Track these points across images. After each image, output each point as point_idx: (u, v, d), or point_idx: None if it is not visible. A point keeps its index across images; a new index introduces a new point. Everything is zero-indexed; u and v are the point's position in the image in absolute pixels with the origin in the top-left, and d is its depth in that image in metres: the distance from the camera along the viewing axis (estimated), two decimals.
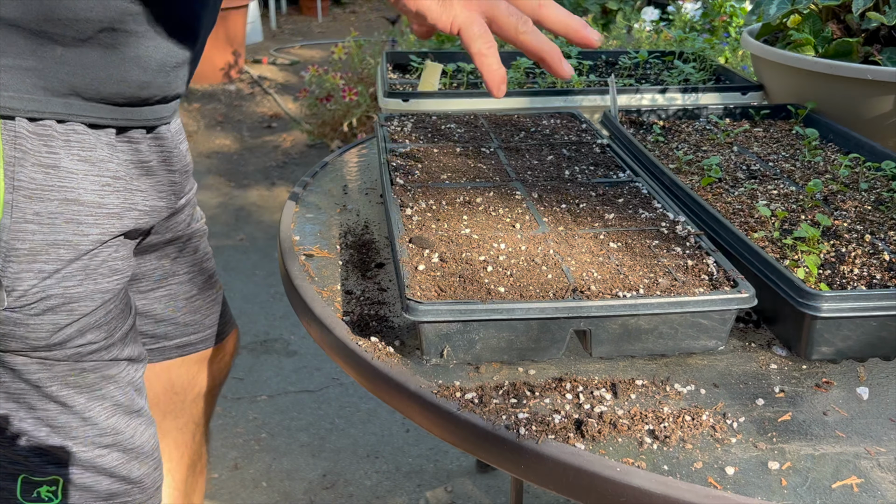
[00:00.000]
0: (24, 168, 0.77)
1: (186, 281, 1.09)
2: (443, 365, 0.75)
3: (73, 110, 0.79)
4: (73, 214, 0.80)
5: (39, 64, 0.76)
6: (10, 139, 0.76)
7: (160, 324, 1.09)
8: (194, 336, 1.14)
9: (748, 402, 0.71)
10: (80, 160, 0.80)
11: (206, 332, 1.15)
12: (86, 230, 0.82)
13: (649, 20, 2.45)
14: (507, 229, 0.86)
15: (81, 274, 0.83)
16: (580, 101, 1.41)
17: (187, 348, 1.14)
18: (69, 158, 0.79)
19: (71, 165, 0.80)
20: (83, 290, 0.84)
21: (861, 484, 0.61)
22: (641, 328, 0.74)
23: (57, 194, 0.79)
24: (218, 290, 1.17)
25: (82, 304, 0.84)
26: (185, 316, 1.11)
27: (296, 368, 2.43)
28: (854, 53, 1.26)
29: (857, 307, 0.73)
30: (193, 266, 1.09)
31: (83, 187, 0.81)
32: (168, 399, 1.16)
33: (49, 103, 0.77)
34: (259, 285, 2.91)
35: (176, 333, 1.11)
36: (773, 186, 1.01)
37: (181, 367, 1.15)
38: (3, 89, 0.75)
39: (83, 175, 0.81)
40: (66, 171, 0.79)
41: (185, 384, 1.17)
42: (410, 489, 1.97)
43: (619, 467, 0.62)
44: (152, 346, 1.10)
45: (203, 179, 3.85)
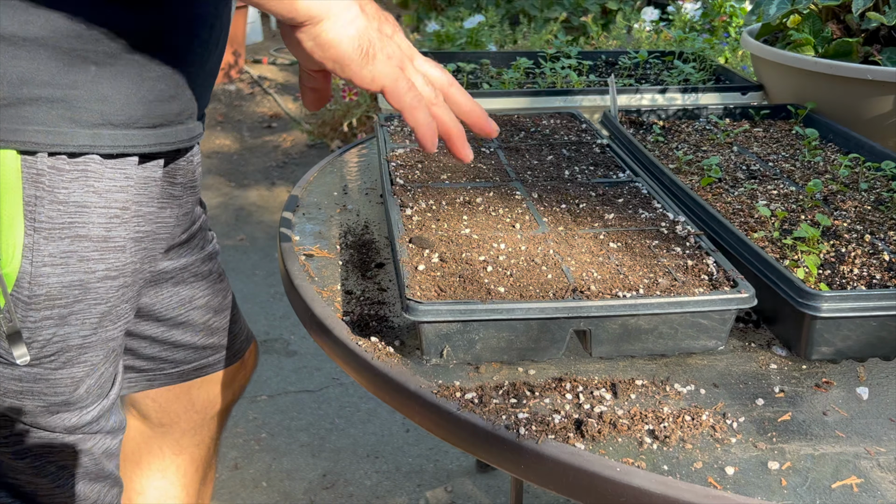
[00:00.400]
0: (43, 207, 0.73)
1: (203, 305, 1.06)
2: (443, 365, 0.75)
3: (100, 141, 0.74)
4: (83, 252, 0.76)
5: (70, 92, 0.71)
6: (30, 177, 0.71)
7: (178, 349, 1.07)
8: (213, 357, 1.12)
9: (748, 402, 0.71)
10: (91, 192, 0.76)
11: (224, 352, 1.13)
12: (93, 267, 0.77)
13: (649, 20, 2.45)
14: (507, 229, 0.86)
15: (94, 318, 0.80)
16: (580, 101, 1.41)
17: (206, 370, 1.12)
18: (81, 191, 0.75)
19: (82, 199, 0.75)
20: (95, 338, 0.80)
21: (861, 484, 0.62)
22: (641, 328, 0.74)
23: (69, 231, 0.75)
24: (234, 310, 1.14)
25: (94, 354, 0.81)
26: (202, 339, 1.09)
27: (296, 368, 2.43)
28: (854, 53, 1.26)
29: (856, 307, 0.73)
30: (209, 289, 1.07)
31: (91, 221, 0.76)
32: (188, 418, 1.14)
33: (76, 136, 0.72)
34: (259, 285, 2.91)
35: (194, 357, 1.09)
36: (773, 186, 1.01)
37: (201, 388, 1.13)
38: (28, 122, 0.70)
39: (92, 208, 0.76)
40: (77, 205, 0.75)
41: (205, 403, 1.15)
42: (410, 489, 1.97)
43: (619, 467, 0.62)
44: (171, 371, 1.08)
45: (203, 179, 3.85)
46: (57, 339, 0.78)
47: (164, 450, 1.16)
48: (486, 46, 2.43)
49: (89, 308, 0.79)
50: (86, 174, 0.74)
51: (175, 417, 1.13)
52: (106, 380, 0.86)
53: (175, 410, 1.12)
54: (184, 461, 1.17)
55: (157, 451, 1.15)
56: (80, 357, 0.80)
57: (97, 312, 0.80)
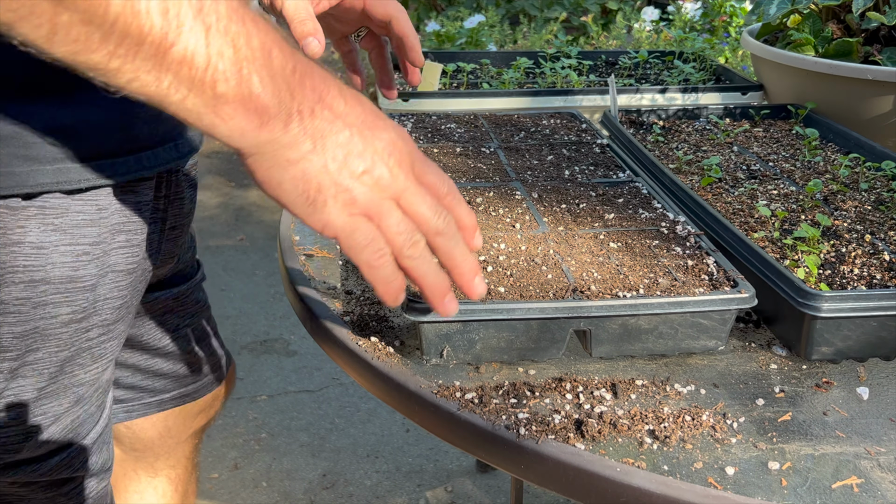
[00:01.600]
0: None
1: (185, 335, 1.03)
2: (443, 365, 0.75)
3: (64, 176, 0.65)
4: (39, 297, 0.68)
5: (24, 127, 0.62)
6: None
7: (159, 378, 1.03)
8: (192, 386, 1.08)
9: (748, 402, 0.71)
10: (52, 230, 0.66)
11: (204, 379, 1.10)
12: (53, 311, 0.69)
13: (649, 20, 2.45)
14: (507, 229, 0.86)
15: (54, 367, 0.72)
16: (580, 101, 1.41)
17: (185, 398, 1.08)
18: (39, 230, 0.66)
19: (40, 239, 0.66)
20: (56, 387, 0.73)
21: (861, 484, 0.61)
22: (641, 328, 0.74)
23: (22, 276, 0.66)
24: (216, 336, 1.10)
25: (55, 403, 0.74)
26: (184, 368, 1.05)
27: (296, 368, 2.43)
28: (854, 53, 1.26)
29: (857, 307, 0.73)
30: (196, 318, 1.03)
31: (52, 262, 0.67)
32: (162, 443, 1.11)
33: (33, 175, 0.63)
34: (259, 285, 2.91)
35: (174, 386, 1.06)
36: (773, 186, 1.01)
37: (178, 416, 1.10)
38: None
39: (53, 248, 0.67)
40: (32, 246, 0.66)
41: (180, 428, 1.11)
42: (410, 489, 1.97)
43: (619, 467, 0.62)
44: (150, 400, 1.04)
45: (203, 179, 3.85)
46: (8, 394, 0.70)
47: (138, 472, 1.13)
48: (486, 46, 2.43)
49: (48, 357, 0.71)
50: (44, 211, 0.66)
51: (149, 444, 1.10)
52: (80, 423, 0.78)
53: (149, 437, 1.09)
54: (160, 482, 1.15)
55: (131, 475, 1.12)
56: (36, 410, 0.73)
57: (57, 360, 0.72)
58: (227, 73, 0.49)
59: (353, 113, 0.57)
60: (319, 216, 0.56)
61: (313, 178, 0.55)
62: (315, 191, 0.56)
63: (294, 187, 0.55)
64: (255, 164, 0.55)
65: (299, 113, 0.54)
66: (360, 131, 0.57)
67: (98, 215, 0.70)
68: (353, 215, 0.57)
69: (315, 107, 0.55)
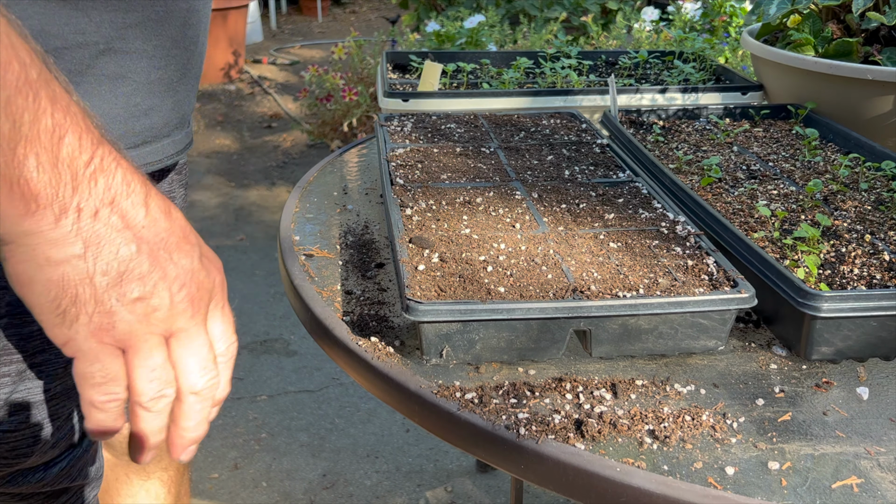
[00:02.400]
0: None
1: None
2: (443, 365, 0.75)
3: None
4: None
5: None
6: None
7: None
8: None
9: (748, 402, 0.71)
10: None
11: None
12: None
13: (649, 20, 2.45)
14: (507, 229, 0.86)
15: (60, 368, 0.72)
16: (580, 101, 1.41)
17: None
18: None
19: None
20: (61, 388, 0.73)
21: (861, 484, 0.61)
22: (641, 328, 0.74)
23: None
24: None
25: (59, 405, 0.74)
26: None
27: (296, 368, 2.43)
28: (854, 53, 1.26)
29: (857, 307, 0.73)
30: None
31: None
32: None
33: None
34: (259, 285, 2.91)
35: None
36: (773, 186, 1.01)
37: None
38: None
39: None
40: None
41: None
42: (410, 489, 1.97)
43: (619, 467, 0.62)
44: None
45: (203, 179, 3.85)
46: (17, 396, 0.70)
47: (130, 476, 1.13)
48: (486, 46, 2.43)
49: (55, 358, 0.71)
50: None
51: None
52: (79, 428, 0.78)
53: None
54: (153, 485, 1.15)
55: (123, 479, 1.12)
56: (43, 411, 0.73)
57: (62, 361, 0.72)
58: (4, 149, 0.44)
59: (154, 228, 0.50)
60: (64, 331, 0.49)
61: (71, 287, 0.48)
62: (69, 302, 0.48)
63: (46, 290, 0.48)
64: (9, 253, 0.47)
65: (77, 210, 0.47)
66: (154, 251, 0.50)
67: None
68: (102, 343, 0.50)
69: (102, 209, 0.48)
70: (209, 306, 0.54)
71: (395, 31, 3.87)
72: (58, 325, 0.49)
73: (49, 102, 0.45)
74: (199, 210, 3.51)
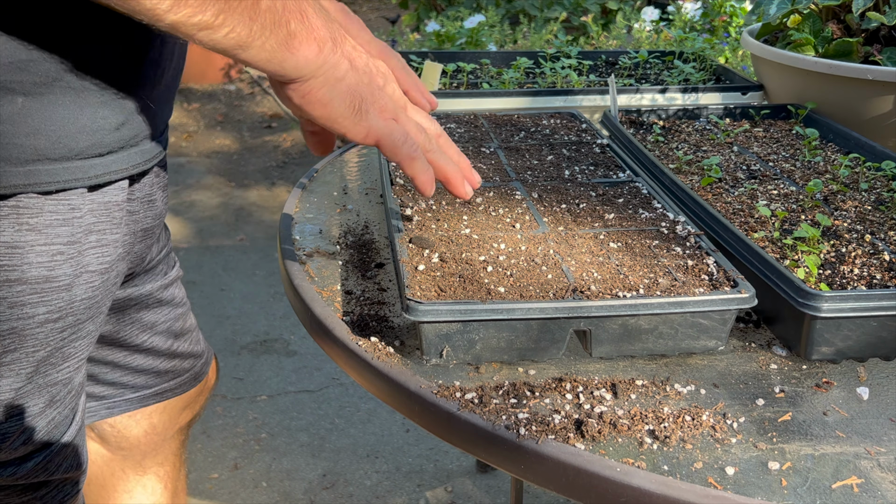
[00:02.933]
0: None
1: (165, 330, 1.03)
2: (443, 365, 0.75)
3: (35, 178, 0.65)
4: (15, 297, 0.68)
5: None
6: None
7: (139, 374, 1.04)
8: (174, 382, 1.08)
9: (748, 402, 0.71)
10: (27, 230, 0.67)
11: (185, 375, 1.10)
12: (30, 311, 0.69)
13: (649, 20, 2.45)
14: (507, 229, 0.86)
15: (30, 366, 0.73)
16: (580, 101, 1.41)
17: (167, 394, 1.08)
18: (13, 230, 0.66)
19: (15, 238, 0.66)
20: (31, 387, 0.73)
21: (861, 484, 0.61)
22: (641, 328, 0.74)
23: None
24: (195, 332, 1.11)
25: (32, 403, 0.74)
26: (164, 363, 1.05)
27: (296, 368, 2.43)
28: (854, 53, 1.26)
29: (857, 307, 0.73)
30: (171, 313, 1.03)
31: (27, 262, 0.67)
32: (148, 440, 1.11)
33: (5, 175, 0.64)
34: (259, 285, 2.91)
35: (155, 382, 1.06)
36: (773, 186, 1.01)
37: (163, 413, 1.10)
38: None
39: (29, 247, 0.67)
40: (7, 245, 0.66)
41: (166, 425, 1.12)
42: (410, 489, 1.97)
43: (619, 467, 0.62)
44: (131, 396, 1.05)
45: (203, 179, 3.85)
46: None
47: (126, 472, 1.13)
48: (486, 46, 2.43)
49: (25, 357, 0.72)
50: (17, 210, 0.66)
51: (135, 441, 1.10)
52: (55, 426, 0.79)
53: (135, 435, 1.09)
54: (149, 480, 1.15)
55: (119, 473, 1.12)
56: (13, 410, 0.73)
57: (34, 360, 0.73)
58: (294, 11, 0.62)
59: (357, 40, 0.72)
60: (364, 124, 0.68)
61: (356, 90, 0.67)
62: (359, 100, 0.67)
63: (342, 101, 0.66)
64: (313, 87, 0.65)
65: (333, 40, 0.65)
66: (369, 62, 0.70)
67: (71, 215, 0.70)
68: (387, 120, 0.69)
69: (339, 35, 0.67)
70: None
71: (395, 30, 3.86)
72: (358, 122, 0.67)
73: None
74: (199, 210, 3.51)
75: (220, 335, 2.58)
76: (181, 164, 4.02)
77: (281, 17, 0.61)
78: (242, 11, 0.59)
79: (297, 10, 0.62)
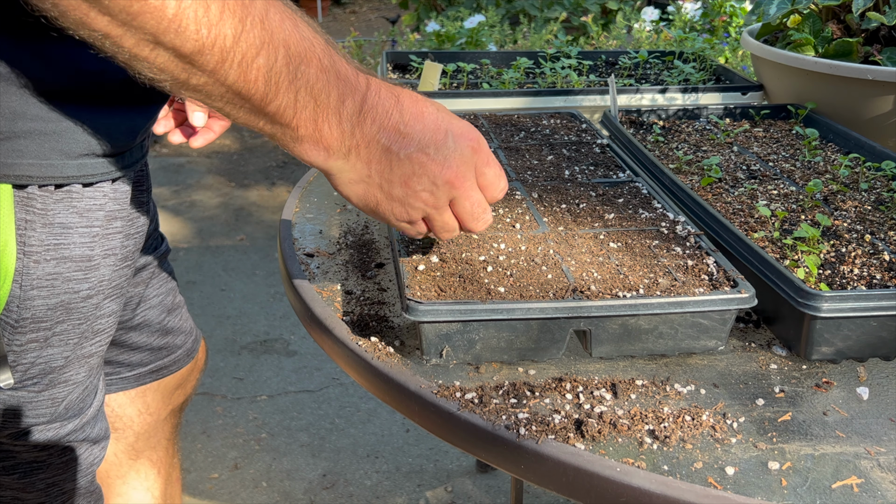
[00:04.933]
0: (34, 231, 0.72)
1: (157, 304, 1.07)
2: (443, 365, 0.75)
3: (84, 171, 0.73)
4: (68, 272, 0.76)
5: (60, 124, 0.70)
6: (21, 201, 0.71)
7: (135, 352, 1.07)
8: (168, 359, 1.12)
9: (748, 402, 0.71)
10: (73, 212, 0.75)
11: (178, 352, 1.14)
12: (76, 286, 0.77)
13: (649, 20, 2.45)
14: (507, 229, 0.86)
15: (76, 337, 0.79)
16: (580, 101, 1.41)
17: (162, 371, 1.12)
18: (66, 212, 0.74)
19: (66, 219, 0.74)
20: (75, 356, 0.80)
21: (861, 484, 0.62)
22: (641, 328, 0.74)
23: (54, 253, 0.74)
24: (184, 308, 1.16)
25: (75, 372, 0.81)
26: (158, 339, 1.09)
27: (296, 368, 2.43)
28: (854, 53, 1.26)
29: (857, 307, 0.73)
30: (162, 288, 1.08)
31: (74, 242, 0.75)
32: (142, 421, 1.14)
33: (64, 167, 0.72)
34: (259, 285, 2.91)
35: (150, 359, 1.10)
36: (773, 186, 1.01)
37: (157, 391, 1.13)
38: (23, 156, 0.69)
39: (75, 228, 0.75)
40: (62, 226, 0.74)
41: (158, 405, 1.15)
42: (410, 489, 1.97)
43: (619, 467, 0.62)
44: (127, 374, 1.09)
45: (203, 179, 3.85)
46: (41, 362, 0.77)
47: (119, 456, 1.15)
48: (486, 46, 2.43)
49: (73, 328, 0.79)
50: (70, 195, 0.74)
51: (128, 422, 1.13)
52: (88, 393, 0.85)
53: (128, 415, 1.12)
54: (142, 465, 1.17)
55: (112, 458, 1.15)
56: (61, 377, 0.80)
57: (79, 332, 0.80)
58: (307, 122, 0.63)
59: (414, 131, 0.68)
60: (383, 218, 0.72)
61: (372, 197, 0.70)
62: (374, 204, 0.70)
63: (358, 200, 0.70)
64: (331, 180, 0.69)
65: (356, 148, 0.66)
66: (421, 149, 0.68)
67: (103, 201, 0.77)
68: (401, 224, 0.72)
69: (374, 138, 0.66)
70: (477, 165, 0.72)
71: (395, 30, 3.86)
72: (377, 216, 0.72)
73: (335, 79, 0.63)
74: (199, 210, 3.51)
75: (220, 335, 2.58)
76: (181, 164, 4.02)
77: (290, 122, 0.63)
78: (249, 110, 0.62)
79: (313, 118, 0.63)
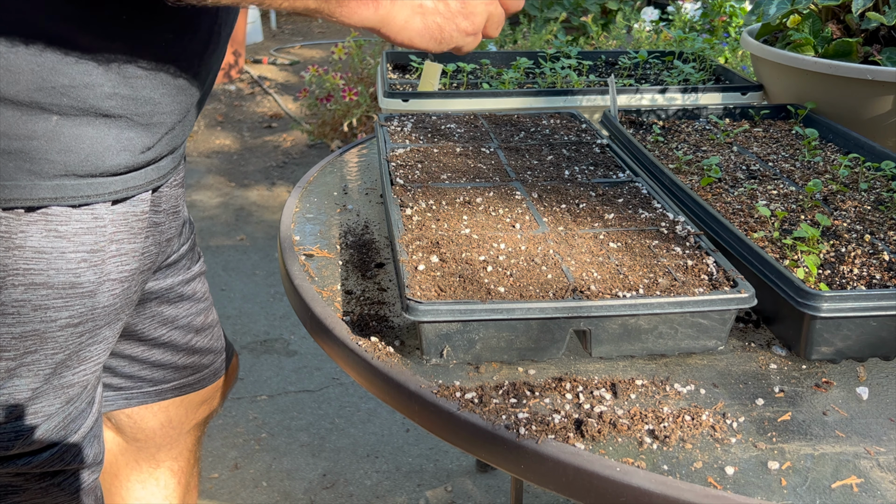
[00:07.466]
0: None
1: (185, 325, 1.03)
2: (443, 365, 0.75)
3: (63, 192, 0.68)
4: (39, 300, 0.70)
5: (28, 143, 0.65)
6: None
7: (158, 368, 1.04)
8: (193, 377, 1.08)
9: (748, 402, 0.71)
10: (56, 236, 0.69)
11: (204, 371, 1.10)
12: (53, 315, 0.72)
13: (649, 20, 2.45)
14: (507, 229, 0.86)
15: (48, 368, 0.74)
16: (580, 101, 1.41)
17: (185, 389, 1.08)
18: (41, 236, 0.69)
19: (42, 244, 0.69)
20: (48, 387, 0.75)
21: (861, 484, 0.62)
22: (641, 328, 0.74)
23: (22, 279, 0.69)
24: (216, 327, 1.11)
25: (47, 403, 0.76)
26: (183, 359, 1.05)
27: (296, 368, 2.43)
28: (854, 53, 1.26)
29: (856, 307, 0.73)
30: (192, 309, 1.04)
31: (56, 267, 0.70)
32: (164, 433, 1.12)
33: (35, 188, 0.67)
34: (259, 285, 2.91)
35: (174, 377, 1.06)
36: (772, 186, 1.01)
37: (180, 406, 1.10)
38: None
39: (58, 254, 0.70)
40: (35, 250, 0.69)
41: (182, 419, 1.12)
42: (410, 489, 1.97)
43: (619, 467, 0.62)
44: (149, 389, 1.05)
45: (203, 179, 3.85)
46: (3, 393, 0.73)
47: (140, 463, 1.13)
48: (486, 46, 2.43)
49: (44, 359, 0.74)
50: (46, 217, 0.69)
51: (150, 434, 1.10)
52: (71, 420, 0.81)
53: (151, 427, 1.09)
54: (162, 474, 1.15)
55: (133, 464, 1.13)
56: (28, 409, 0.75)
57: (52, 362, 0.75)
58: None
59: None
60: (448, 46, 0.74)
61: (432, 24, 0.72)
62: (437, 32, 0.72)
63: (421, 37, 0.72)
64: (387, 33, 0.69)
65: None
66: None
67: (94, 224, 0.72)
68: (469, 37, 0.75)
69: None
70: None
71: None
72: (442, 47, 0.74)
73: None
74: (199, 210, 3.51)
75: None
76: None
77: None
78: None
79: None
